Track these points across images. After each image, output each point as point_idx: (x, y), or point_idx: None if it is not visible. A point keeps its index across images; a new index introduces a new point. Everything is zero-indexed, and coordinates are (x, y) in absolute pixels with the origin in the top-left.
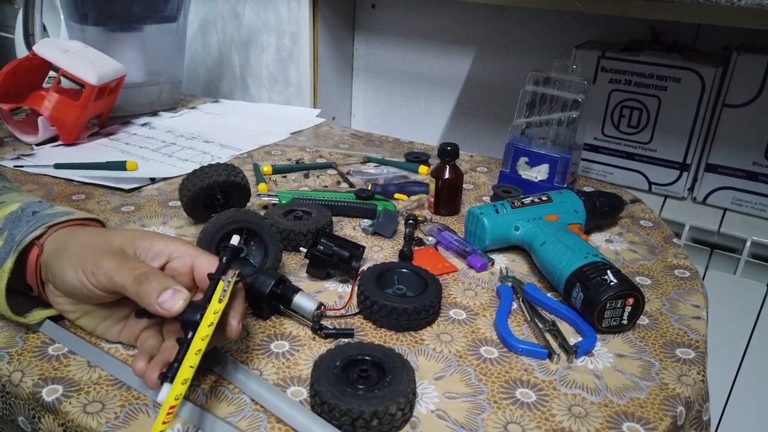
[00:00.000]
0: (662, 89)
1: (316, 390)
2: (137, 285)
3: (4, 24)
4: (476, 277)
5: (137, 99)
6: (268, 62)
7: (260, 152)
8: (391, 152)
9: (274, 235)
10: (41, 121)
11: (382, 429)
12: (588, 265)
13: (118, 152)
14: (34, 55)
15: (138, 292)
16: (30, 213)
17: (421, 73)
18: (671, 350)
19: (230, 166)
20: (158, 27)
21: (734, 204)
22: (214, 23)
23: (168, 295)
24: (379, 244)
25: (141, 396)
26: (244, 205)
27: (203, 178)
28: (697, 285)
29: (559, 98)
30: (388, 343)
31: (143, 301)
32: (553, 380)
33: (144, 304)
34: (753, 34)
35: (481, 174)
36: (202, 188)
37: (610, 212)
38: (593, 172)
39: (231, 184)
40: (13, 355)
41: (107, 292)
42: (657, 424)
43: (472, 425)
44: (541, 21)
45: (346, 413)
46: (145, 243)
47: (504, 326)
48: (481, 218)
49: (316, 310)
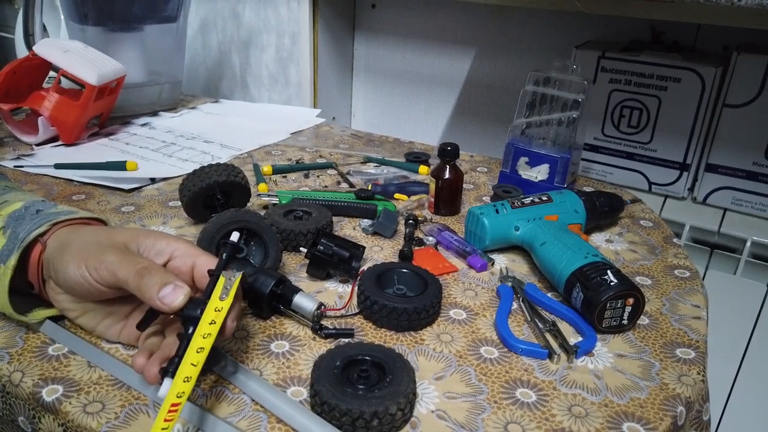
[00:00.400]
0: (662, 89)
1: (316, 390)
2: (139, 279)
3: (4, 24)
4: (476, 277)
5: (137, 99)
6: (268, 62)
7: (260, 152)
8: (391, 152)
9: (274, 235)
10: (41, 121)
11: (382, 429)
12: (588, 265)
13: (118, 152)
14: (34, 55)
15: (139, 286)
16: (34, 211)
17: (421, 73)
18: (671, 350)
19: (230, 166)
20: (158, 27)
21: (734, 204)
22: (214, 23)
23: (169, 289)
24: (379, 244)
25: (141, 396)
26: (244, 205)
27: (203, 178)
28: (697, 285)
29: (559, 98)
30: (388, 343)
31: (144, 296)
32: (554, 380)
33: (145, 299)
34: (753, 34)
35: (481, 174)
36: (202, 188)
37: (610, 212)
38: (593, 172)
39: (231, 184)
40: (13, 355)
41: (109, 287)
42: (657, 424)
43: (472, 425)
44: (541, 21)
45: (346, 413)
46: (148, 240)
47: (504, 326)
48: (481, 218)
49: (316, 310)
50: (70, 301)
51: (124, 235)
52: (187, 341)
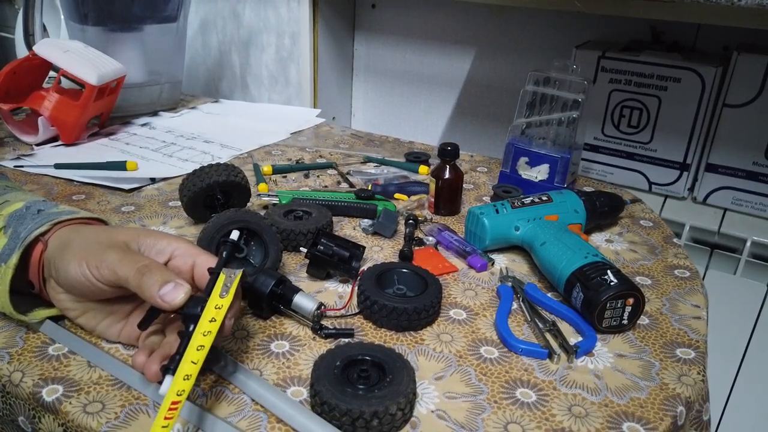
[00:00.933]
0: (662, 89)
1: (316, 390)
2: (139, 277)
3: (4, 24)
4: (476, 277)
5: (137, 99)
6: (268, 62)
7: (260, 152)
8: (391, 152)
9: (274, 235)
10: (41, 121)
11: (382, 429)
12: (588, 265)
13: (118, 152)
14: (34, 55)
15: (140, 285)
16: (35, 211)
17: (421, 73)
18: (671, 350)
19: (230, 166)
20: (158, 27)
21: (734, 204)
22: (214, 23)
23: (170, 287)
24: (379, 244)
25: (141, 396)
26: (244, 205)
27: (203, 178)
28: (697, 285)
29: (559, 98)
30: (388, 343)
31: (144, 294)
32: (554, 380)
33: (145, 297)
34: (753, 34)
35: (481, 174)
36: (201, 188)
37: (611, 212)
38: (593, 172)
39: (231, 185)
40: (13, 355)
41: (110, 286)
42: (657, 424)
43: (472, 425)
44: (541, 21)
45: (347, 413)
46: (149, 240)
47: (504, 326)
48: (482, 218)
49: (317, 310)
50: (70, 300)
51: (125, 234)
52: (187, 339)
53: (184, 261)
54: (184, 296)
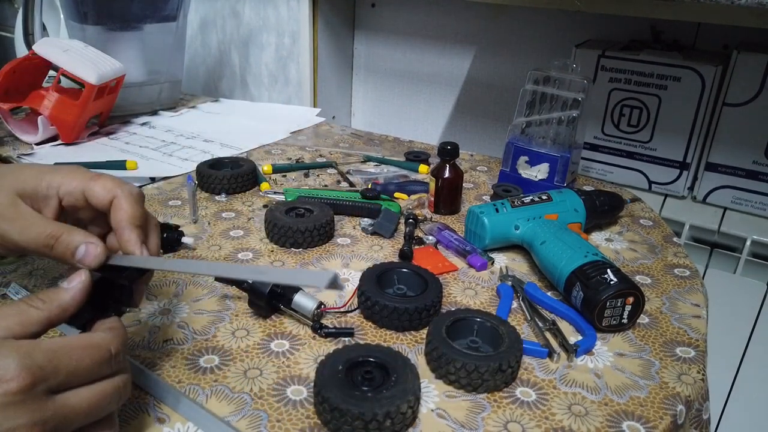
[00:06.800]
0: (662, 88)
1: (324, 397)
2: (48, 251)
3: (4, 23)
4: (476, 276)
5: (137, 98)
6: (268, 61)
7: (260, 151)
8: (391, 151)
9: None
10: (41, 120)
11: (395, 429)
12: (588, 264)
13: (117, 151)
14: (33, 55)
15: (52, 257)
16: None
17: (421, 72)
18: (671, 349)
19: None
20: (158, 26)
21: (734, 203)
22: (214, 22)
23: (82, 251)
24: (379, 244)
25: (141, 396)
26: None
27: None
28: (697, 284)
29: (559, 97)
30: (388, 343)
31: (60, 261)
32: (553, 379)
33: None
34: (753, 33)
35: (481, 173)
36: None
37: (610, 211)
38: (593, 171)
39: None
40: None
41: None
42: (657, 423)
43: (472, 424)
44: (541, 20)
45: (359, 417)
46: (28, 189)
47: None
48: (481, 217)
49: (317, 309)
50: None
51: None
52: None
53: (75, 198)
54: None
